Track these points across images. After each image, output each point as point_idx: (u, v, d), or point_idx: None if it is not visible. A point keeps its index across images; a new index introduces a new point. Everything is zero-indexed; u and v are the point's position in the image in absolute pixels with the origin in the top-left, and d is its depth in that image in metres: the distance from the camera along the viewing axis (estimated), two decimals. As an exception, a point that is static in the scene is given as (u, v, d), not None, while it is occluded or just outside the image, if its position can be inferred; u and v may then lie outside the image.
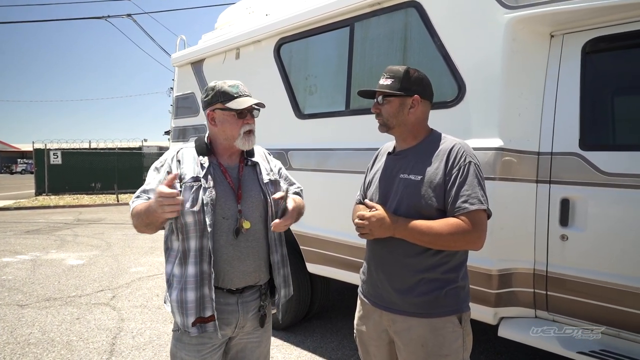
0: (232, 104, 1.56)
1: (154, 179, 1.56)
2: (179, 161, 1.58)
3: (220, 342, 1.60)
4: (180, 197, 1.39)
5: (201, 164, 1.58)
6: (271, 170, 1.76)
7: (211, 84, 1.63)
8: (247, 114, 1.60)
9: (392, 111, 1.57)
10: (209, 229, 1.50)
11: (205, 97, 1.62)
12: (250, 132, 1.62)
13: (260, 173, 1.70)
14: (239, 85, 1.61)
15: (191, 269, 1.51)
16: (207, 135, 1.68)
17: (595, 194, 1.97)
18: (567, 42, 2.14)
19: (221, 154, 1.65)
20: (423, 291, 1.50)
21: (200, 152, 1.62)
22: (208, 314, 1.52)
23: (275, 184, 1.74)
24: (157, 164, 1.61)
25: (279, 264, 1.70)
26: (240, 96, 1.58)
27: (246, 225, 1.58)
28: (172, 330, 1.64)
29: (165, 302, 1.65)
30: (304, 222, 3.19)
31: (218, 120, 1.60)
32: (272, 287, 1.72)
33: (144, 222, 1.47)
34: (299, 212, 1.69)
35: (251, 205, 1.62)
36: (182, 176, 1.54)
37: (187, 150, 1.63)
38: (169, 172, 1.54)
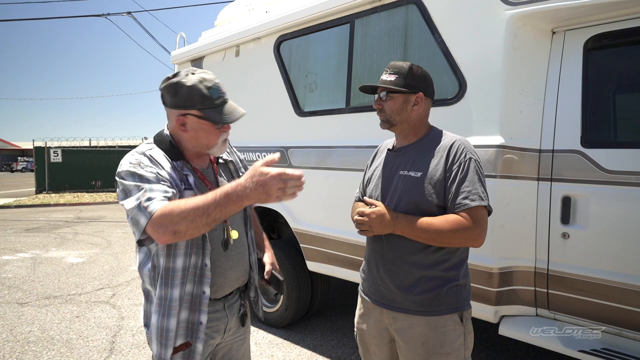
0: (216, 117, 1.31)
1: (153, 181, 1.24)
2: (160, 166, 1.32)
3: (210, 351, 1.49)
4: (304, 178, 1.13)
5: (178, 170, 1.36)
6: (240, 165, 1.65)
7: (182, 79, 1.30)
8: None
9: (395, 108, 1.56)
10: (208, 245, 1.36)
11: (172, 96, 1.32)
12: (226, 140, 1.42)
13: (236, 171, 1.59)
14: (218, 85, 1.34)
15: (176, 291, 1.32)
16: (167, 134, 1.41)
17: (597, 192, 1.96)
18: (569, 38, 2.12)
19: (191, 158, 1.42)
20: (424, 289, 1.49)
21: (172, 156, 1.36)
22: (179, 342, 1.34)
23: None
24: (131, 168, 1.27)
25: (256, 263, 1.65)
26: (222, 103, 1.33)
27: (234, 235, 1.45)
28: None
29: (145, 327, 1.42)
30: (304, 220, 3.21)
31: (190, 127, 1.33)
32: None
33: (211, 217, 1.15)
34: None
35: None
36: (175, 182, 1.32)
37: (155, 152, 1.35)
38: (159, 174, 1.29)
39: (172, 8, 14.93)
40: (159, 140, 1.40)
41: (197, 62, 4.25)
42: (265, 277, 1.59)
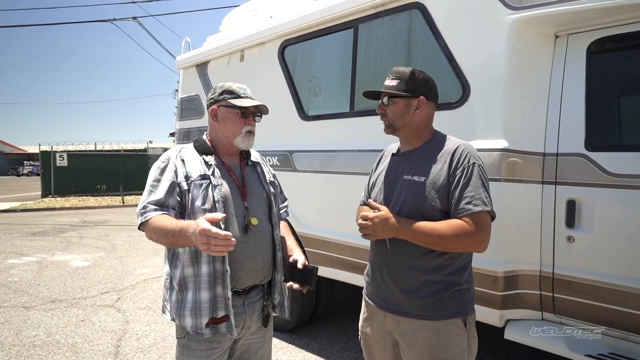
0: (237, 102, 1.59)
1: (161, 186, 1.52)
2: (182, 160, 1.57)
3: (228, 346, 1.59)
4: (234, 240, 1.32)
5: (206, 162, 1.58)
6: (270, 172, 1.81)
7: (220, 83, 1.67)
8: (249, 115, 1.63)
9: (397, 112, 1.57)
10: (222, 226, 1.47)
11: (212, 94, 1.65)
12: (250, 133, 1.64)
13: (262, 172, 1.74)
14: (247, 89, 1.65)
15: (204, 268, 1.49)
16: (206, 135, 1.69)
17: (601, 195, 1.95)
18: (572, 42, 2.12)
19: (222, 153, 1.66)
20: (427, 293, 1.49)
21: (202, 151, 1.62)
22: (221, 314, 1.50)
23: (274, 185, 1.78)
24: (160, 163, 1.58)
25: (281, 264, 1.71)
26: (247, 97, 1.62)
27: (254, 221, 1.59)
28: (177, 337, 1.60)
29: (164, 312, 1.61)
30: (308, 223, 3.22)
31: (220, 116, 1.62)
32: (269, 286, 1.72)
33: (170, 241, 1.43)
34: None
35: (256, 203, 1.64)
36: (189, 174, 1.53)
37: (188, 150, 1.63)
38: (175, 172, 1.53)
39: (177, 13, 15.06)
40: (196, 139, 1.68)
41: (202, 66, 4.29)
42: (299, 266, 1.63)
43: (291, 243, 1.76)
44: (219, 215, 1.36)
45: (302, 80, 3.32)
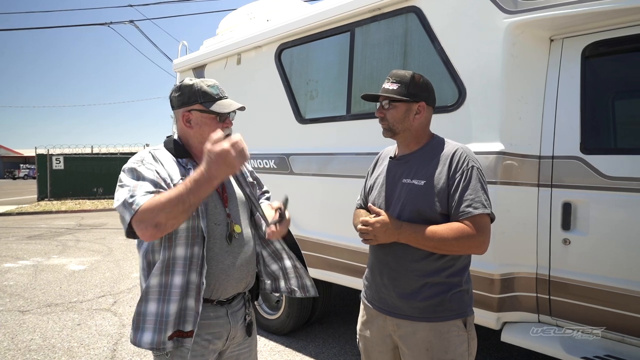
0: (215, 107, 1.44)
1: (146, 182, 1.30)
2: (161, 162, 1.41)
3: (213, 358, 1.50)
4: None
5: (182, 166, 1.44)
6: (249, 172, 1.73)
7: (186, 81, 1.48)
8: (226, 118, 1.49)
9: (397, 116, 1.57)
10: (205, 236, 1.39)
11: (179, 95, 1.47)
12: (228, 137, 1.49)
13: (241, 173, 1.66)
14: (218, 85, 1.50)
15: (177, 279, 1.36)
16: (176, 136, 1.54)
17: (597, 198, 1.96)
18: (567, 46, 2.14)
19: (197, 156, 1.49)
20: (428, 295, 1.50)
21: (177, 154, 1.47)
22: (188, 328, 1.38)
23: (253, 186, 1.73)
24: (132, 164, 1.37)
25: (270, 258, 1.67)
26: (220, 98, 1.48)
27: (237, 229, 1.51)
28: (157, 355, 1.44)
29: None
30: (305, 226, 3.22)
31: (195, 122, 1.46)
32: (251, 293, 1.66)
33: (190, 202, 1.22)
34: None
35: (237, 208, 1.56)
36: (171, 176, 1.38)
37: (161, 152, 1.47)
38: (156, 171, 1.36)
39: (175, 16, 15.06)
40: (166, 142, 1.53)
41: (199, 70, 4.29)
42: (274, 204, 1.57)
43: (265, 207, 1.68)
44: (219, 133, 1.26)
45: (298, 83, 3.33)
